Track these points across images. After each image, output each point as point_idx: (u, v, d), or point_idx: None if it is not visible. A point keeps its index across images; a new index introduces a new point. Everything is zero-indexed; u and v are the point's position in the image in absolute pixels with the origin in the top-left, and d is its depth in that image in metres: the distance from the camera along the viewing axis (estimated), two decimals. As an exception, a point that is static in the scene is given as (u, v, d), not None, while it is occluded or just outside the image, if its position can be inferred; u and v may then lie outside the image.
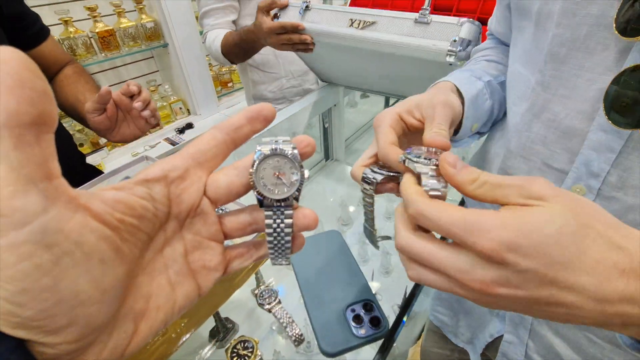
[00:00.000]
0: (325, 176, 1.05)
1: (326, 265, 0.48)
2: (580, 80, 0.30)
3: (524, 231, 0.18)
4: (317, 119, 1.05)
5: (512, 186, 0.20)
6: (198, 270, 0.19)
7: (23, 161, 0.12)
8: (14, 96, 0.12)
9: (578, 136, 0.31)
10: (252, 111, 0.19)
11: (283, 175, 0.19)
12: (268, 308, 0.45)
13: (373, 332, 0.39)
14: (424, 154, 0.26)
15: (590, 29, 0.28)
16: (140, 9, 1.38)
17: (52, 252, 0.13)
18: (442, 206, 0.20)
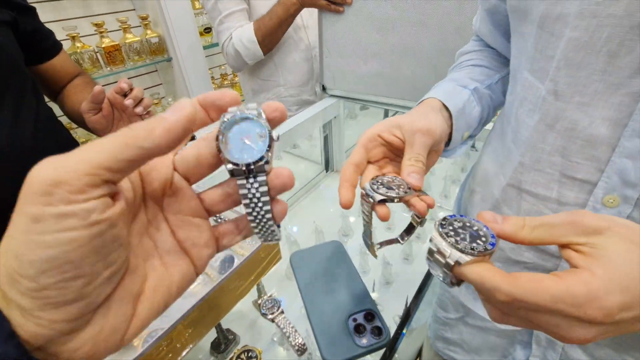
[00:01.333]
0: (326, 187, 1.06)
1: (328, 275, 0.48)
2: (601, 85, 0.28)
3: (623, 287, 0.19)
4: (318, 131, 1.06)
5: (565, 224, 0.21)
6: (189, 249, 0.19)
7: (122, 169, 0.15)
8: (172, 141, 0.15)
9: (606, 144, 0.29)
10: (207, 98, 0.19)
11: (250, 139, 0.18)
12: (271, 318, 0.45)
13: (375, 341, 0.39)
14: (386, 184, 0.28)
15: (613, 30, 0.26)
16: (145, 24, 1.42)
17: (91, 230, 0.14)
18: (534, 282, 0.20)
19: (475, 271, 0.22)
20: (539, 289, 0.20)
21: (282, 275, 0.74)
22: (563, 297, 0.19)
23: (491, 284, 0.21)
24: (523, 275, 0.20)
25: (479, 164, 0.47)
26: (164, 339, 0.36)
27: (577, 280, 0.20)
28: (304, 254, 0.53)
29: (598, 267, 0.20)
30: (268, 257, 0.48)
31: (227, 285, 0.43)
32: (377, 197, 0.28)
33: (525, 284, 0.20)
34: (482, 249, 0.22)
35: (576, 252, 0.21)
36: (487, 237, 0.23)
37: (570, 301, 0.19)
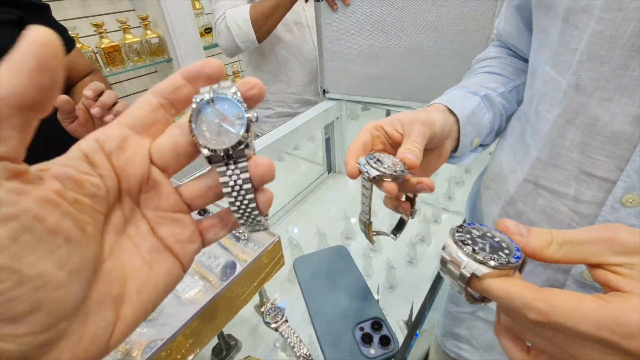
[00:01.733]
0: (328, 189, 1.05)
1: (333, 282, 0.47)
2: (625, 80, 0.27)
3: None
4: (319, 132, 1.05)
5: (599, 242, 0.19)
6: (173, 246, 0.17)
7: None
8: (29, 79, 0.12)
9: (627, 141, 0.28)
10: (191, 69, 0.17)
11: (226, 122, 0.16)
12: (275, 327, 0.44)
13: (383, 352, 0.38)
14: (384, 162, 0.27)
15: (639, 24, 0.25)
16: (145, 25, 1.41)
17: (9, 226, 0.12)
18: (573, 302, 0.17)
19: (500, 287, 0.19)
20: (579, 312, 0.17)
21: (284, 279, 0.72)
22: (609, 324, 0.16)
23: (521, 300, 0.18)
24: (560, 293, 0.18)
25: (493, 161, 0.46)
26: (163, 349, 0.34)
27: (626, 306, 0.17)
28: (308, 260, 0.52)
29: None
30: (271, 262, 0.47)
31: (230, 292, 0.41)
32: (372, 172, 0.26)
33: (562, 303, 0.17)
34: (504, 262, 0.19)
35: (614, 274, 0.18)
36: (510, 249, 0.20)
37: (619, 330, 0.16)
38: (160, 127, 0.17)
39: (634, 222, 0.30)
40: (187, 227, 0.18)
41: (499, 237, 0.21)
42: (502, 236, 0.21)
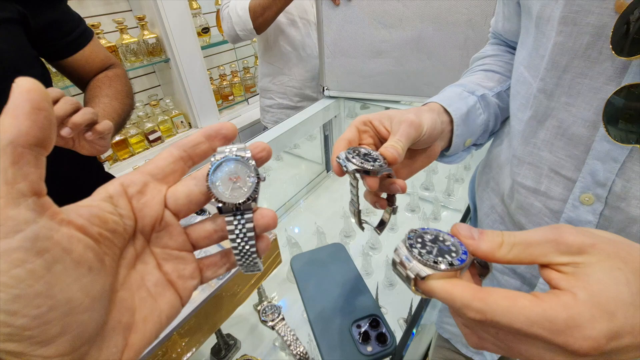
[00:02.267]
0: (327, 188, 1.04)
1: (330, 280, 0.47)
2: (584, 88, 0.29)
3: (609, 313, 0.17)
4: (318, 131, 1.05)
5: (545, 243, 0.19)
6: (175, 280, 0.19)
7: (18, 177, 0.13)
8: (29, 120, 0.13)
9: (583, 144, 0.30)
10: (211, 129, 0.20)
11: (239, 180, 0.19)
12: (271, 325, 0.43)
13: (380, 349, 0.37)
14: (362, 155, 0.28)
15: (592, 38, 0.27)
16: (142, 25, 1.40)
17: (44, 258, 0.14)
18: (508, 300, 0.18)
19: (442, 288, 0.19)
20: (513, 309, 0.17)
21: (283, 278, 0.72)
22: (539, 321, 0.17)
23: (461, 301, 0.19)
24: (497, 292, 0.18)
25: (491, 153, 0.46)
26: (159, 348, 0.34)
27: (556, 303, 0.17)
28: (305, 258, 0.52)
29: (581, 289, 0.18)
30: (268, 260, 0.47)
31: (226, 290, 0.41)
32: (350, 166, 0.27)
33: (497, 302, 0.18)
34: (447, 264, 0.20)
35: (557, 273, 0.19)
36: (458, 252, 0.21)
37: (549, 326, 0.17)
38: (177, 176, 0.20)
39: (590, 219, 0.31)
40: (190, 264, 0.20)
41: (450, 242, 0.22)
42: (454, 240, 0.22)
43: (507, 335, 0.19)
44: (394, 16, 0.78)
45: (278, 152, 1.06)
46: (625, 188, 0.28)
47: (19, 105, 0.13)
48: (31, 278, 0.13)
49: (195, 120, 1.66)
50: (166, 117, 1.59)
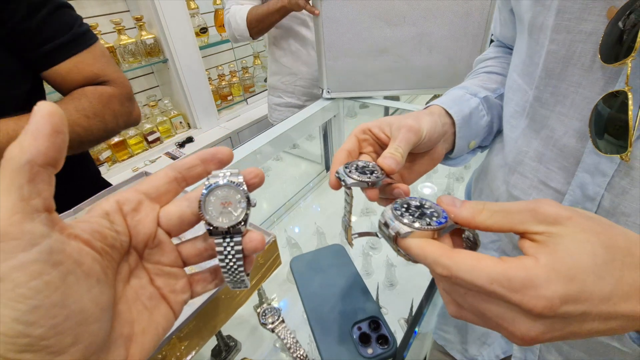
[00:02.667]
0: (326, 187, 1.04)
1: (330, 281, 0.46)
2: (578, 97, 0.28)
3: (568, 277, 0.17)
4: (317, 131, 1.05)
5: (524, 212, 0.20)
6: (167, 295, 0.20)
7: (33, 193, 0.14)
8: (48, 142, 0.15)
9: (573, 156, 0.29)
10: (207, 153, 0.21)
11: (230, 205, 0.20)
12: (271, 328, 0.43)
13: (381, 351, 0.37)
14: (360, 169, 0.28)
15: (585, 46, 0.27)
16: (140, 25, 1.40)
17: (59, 269, 0.14)
18: (474, 259, 0.19)
19: (416, 244, 0.21)
20: (477, 267, 0.19)
21: (283, 279, 0.72)
22: (499, 279, 0.18)
23: (432, 257, 0.20)
24: (465, 253, 0.20)
25: (485, 161, 0.46)
26: (158, 352, 0.34)
27: (517, 264, 0.18)
28: (305, 259, 0.52)
29: (544, 254, 0.18)
30: (267, 262, 0.46)
31: (225, 293, 0.41)
32: (348, 180, 0.28)
33: (463, 260, 0.19)
34: (425, 224, 0.21)
35: (530, 242, 0.20)
36: (439, 216, 0.22)
37: (507, 284, 0.18)
38: (170, 196, 0.21)
39: None
40: (181, 279, 0.21)
41: (434, 208, 0.23)
42: (437, 207, 0.23)
43: (474, 295, 0.20)
44: (397, 14, 0.79)
45: (277, 152, 1.05)
46: (614, 203, 0.28)
47: (40, 127, 0.15)
48: (48, 289, 0.14)
49: (194, 121, 1.66)
50: (165, 117, 1.59)
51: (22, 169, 0.14)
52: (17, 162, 0.14)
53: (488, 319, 0.20)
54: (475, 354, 0.48)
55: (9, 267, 0.13)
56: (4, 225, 0.13)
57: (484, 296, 0.19)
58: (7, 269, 0.13)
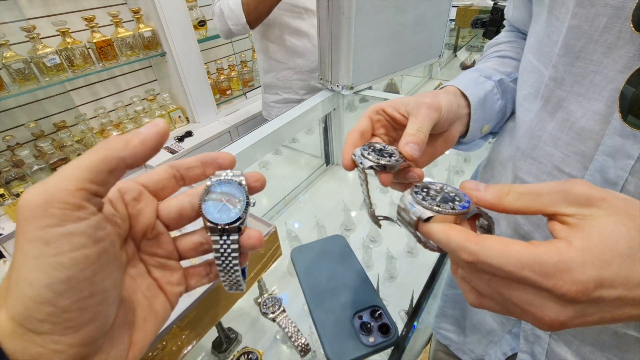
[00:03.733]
0: (326, 181, 1.04)
1: (331, 271, 0.46)
2: (598, 77, 0.27)
3: (603, 261, 0.17)
4: (317, 124, 1.04)
5: (554, 193, 0.19)
6: (164, 286, 0.21)
7: (104, 181, 0.16)
8: (146, 152, 0.17)
9: (592, 139, 0.28)
10: (208, 156, 0.21)
11: (229, 202, 0.20)
12: (272, 317, 0.43)
13: (382, 340, 0.37)
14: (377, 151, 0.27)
15: (610, 20, 0.25)
16: (137, 18, 1.38)
17: (98, 246, 0.15)
18: (502, 244, 0.18)
19: (440, 229, 0.20)
20: (505, 252, 0.18)
21: (283, 271, 0.72)
22: (530, 264, 0.17)
23: (456, 242, 0.19)
24: (492, 238, 0.19)
25: (493, 150, 0.45)
26: (158, 342, 0.34)
27: (549, 248, 0.17)
28: (305, 249, 0.51)
29: (578, 238, 0.18)
30: (268, 253, 0.46)
31: (226, 283, 0.41)
32: (366, 162, 0.27)
33: (491, 245, 0.18)
34: (448, 209, 0.21)
35: (561, 224, 0.19)
36: (461, 201, 0.21)
37: (538, 269, 0.17)
38: (168, 192, 0.21)
39: None
40: (177, 272, 0.21)
41: (455, 192, 0.22)
42: (458, 192, 0.22)
43: (499, 281, 0.19)
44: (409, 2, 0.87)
45: (276, 146, 1.05)
46: (639, 187, 0.26)
47: (150, 139, 0.17)
48: (85, 263, 0.15)
49: (193, 115, 1.65)
50: (163, 112, 1.58)
51: (114, 160, 0.16)
52: (115, 153, 0.16)
53: (513, 306, 0.19)
54: (481, 354, 0.47)
55: (58, 233, 0.14)
56: (67, 195, 0.14)
57: (512, 282, 0.18)
58: (56, 234, 0.14)
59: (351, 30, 0.80)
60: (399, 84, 1.60)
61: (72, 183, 0.15)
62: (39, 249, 0.14)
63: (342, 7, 0.76)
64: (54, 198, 0.14)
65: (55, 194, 0.14)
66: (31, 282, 0.14)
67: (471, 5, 1.69)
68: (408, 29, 0.92)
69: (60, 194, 0.14)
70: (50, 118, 1.35)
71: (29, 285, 0.14)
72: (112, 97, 1.52)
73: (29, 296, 0.14)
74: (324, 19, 0.80)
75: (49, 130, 1.34)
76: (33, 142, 1.30)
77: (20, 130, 1.27)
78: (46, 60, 1.16)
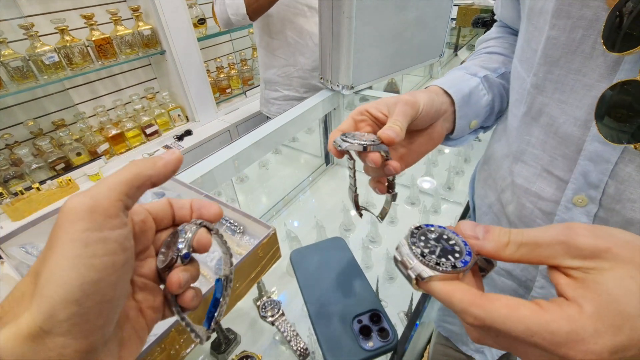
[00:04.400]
0: (326, 181, 1.03)
1: (330, 274, 0.46)
2: (577, 84, 0.28)
3: (615, 327, 0.16)
4: (317, 124, 1.03)
5: (555, 244, 0.18)
6: (145, 310, 0.21)
7: (133, 195, 0.18)
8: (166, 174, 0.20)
9: (575, 144, 0.29)
10: (198, 203, 0.23)
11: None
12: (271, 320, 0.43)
13: (382, 344, 0.37)
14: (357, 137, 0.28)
15: (586, 32, 0.26)
16: (137, 16, 1.37)
17: (125, 255, 0.17)
18: (509, 309, 0.17)
19: (442, 290, 0.19)
20: (513, 318, 0.17)
21: (282, 272, 0.72)
22: (540, 332, 0.17)
23: (461, 306, 0.19)
24: (498, 300, 0.18)
25: (489, 150, 0.45)
26: (157, 345, 0.33)
27: (560, 315, 0.17)
28: (305, 252, 0.51)
29: (588, 301, 0.17)
30: (267, 255, 0.46)
31: (224, 286, 0.40)
32: (344, 145, 0.28)
33: (497, 310, 0.18)
34: (449, 266, 0.19)
35: (566, 277, 0.18)
36: (462, 253, 0.20)
37: (549, 338, 0.16)
38: (163, 224, 0.22)
39: (585, 221, 0.30)
40: (158, 296, 0.22)
41: (454, 240, 0.21)
42: (458, 239, 0.21)
43: (507, 339, 0.18)
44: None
45: (276, 145, 1.04)
46: (619, 190, 0.27)
47: (171, 164, 0.20)
48: (112, 268, 0.16)
49: (193, 114, 1.64)
50: (163, 110, 1.57)
51: (143, 177, 0.18)
52: (145, 171, 0.18)
53: (520, 354, 0.19)
54: (480, 346, 0.48)
55: (97, 237, 0.15)
56: (110, 204, 0.16)
57: (520, 342, 0.18)
58: (95, 238, 0.15)
59: (352, 30, 0.79)
60: (399, 84, 1.59)
61: (114, 194, 0.17)
62: (78, 249, 0.15)
63: (342, 6, 0.76)
64: (98, 205, 0.16)
65: (100, 202, 0.16)
66: (65, 281, 0.14)
67: (472, 4, 1.68)
68: (409, 28, 0.91)
69: (104, 202, 0.16)
70: (49, 116, 1.34)
71: (62, 283, 0.14)
72: (111, 96, 1.51)
73: (59, 294, 0.14)
74: (327, 18, 0.80)
75: (47, 129, 1.33)
76: (32, 140, 1.30)
77: (18, 128, 1.26)
78: (45, 59, 1.16)
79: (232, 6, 0.95)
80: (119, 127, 1.43)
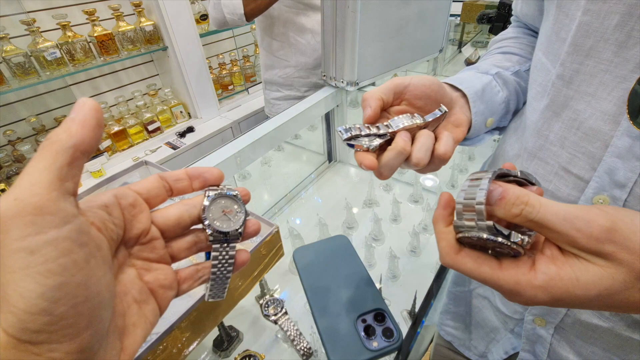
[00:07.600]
0: (329, 178, 1.03)
1: (334, 273, 0.46)
2: (608, 76, 0.26)
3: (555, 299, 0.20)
4: (319, 121, 1.03)
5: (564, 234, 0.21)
6: (156, 290, 0.21)
7: (69, 176, 0.15)
8: (93, 133, 0.16)
9: (601, 140, 0.27)
10: (195, 170, 0.22)
11: (230, 213, 0.22)
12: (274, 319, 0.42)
13: (386, 344, 0.36)
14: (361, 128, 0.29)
15: (622, 18, 0.24)
16: (139, 12, 1.37)
17: (84, 250, 0.15)
18: (475, 263, 0.22)
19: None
20: (475, 273, 0.22)
21: (285, 270, 0.71)
22: (492, 283, 0.22)
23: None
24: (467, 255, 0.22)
25: (500, 148, 0.44)
26: (159, 343, 0.33)
27: (514, 273, 0.21)
28: (308, 250, 0.51)
29: (545, 275, 0.20)
30: (270, 253, 0.45)
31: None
32: (344, 134, 0.29)
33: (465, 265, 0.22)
34: None
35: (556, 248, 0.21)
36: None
37: (498, 289, 0.22)
38: (158, 201, 0.21)
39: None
40: (169, 275, 0.21)
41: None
42: None
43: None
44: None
45: (279, 142, 1.04)
46: None
47: (87, 118, 0.16)
48: (74, 268, 0.14)
49: (195, 111, 1.64)
50: (165, 107, 1.57)
51: (66, 151, 0.15)
52: (63, 144, 0.15)
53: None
54: (484, 351, 0.47)
55: (42, 240, 0.13)
56: (42, 200, 0.14)
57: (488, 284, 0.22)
58: (41, 242, 0.13)
59: (356, 24, 0.78)
60: (402, 80, 1.58)
61: (41, 186, 0.14)
62: (24, 260, 0.13)
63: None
64: (27, 205, 0.13)
65: (28, 201, 0.13)
66: (22, 294, 0.13)
67: (477, 0, 1.66)
68: (411, 22, 0.90)
69: (33, 200, 0.14)
70: (51, 112, 1.34)
71: (21, 298, 0.13)
72: (114, 92, 1.51)
73: (21, 308, 0.13)
74: (329, 13, 0.79)
75: (50, 125, 1.33)
76: (34, 136, 1.30)
77: (21, 124, 1.26)
78: (47, 54, 1.15)
79: (228, 6, 0.94)
80: (121, 124, 1.43)
